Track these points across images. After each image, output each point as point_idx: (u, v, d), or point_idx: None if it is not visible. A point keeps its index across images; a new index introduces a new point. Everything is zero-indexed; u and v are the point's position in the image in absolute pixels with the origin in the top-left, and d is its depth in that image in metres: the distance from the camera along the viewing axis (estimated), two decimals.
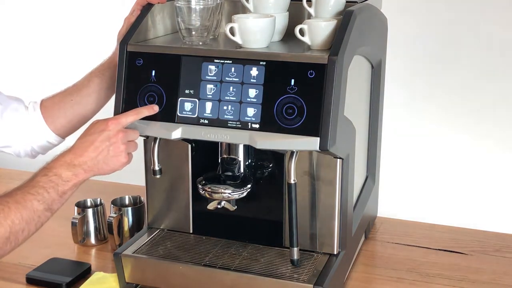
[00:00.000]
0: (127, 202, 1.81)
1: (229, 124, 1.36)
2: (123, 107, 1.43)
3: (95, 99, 1.59)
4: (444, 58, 1.96)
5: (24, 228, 1.27)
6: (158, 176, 1.50)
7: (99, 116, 1.59)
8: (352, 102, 1.42)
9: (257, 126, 1.34)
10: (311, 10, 1.49)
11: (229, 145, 1.48)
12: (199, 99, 1.38)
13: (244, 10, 1.55)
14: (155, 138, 1.47)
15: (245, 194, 1.47)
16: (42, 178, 1.31)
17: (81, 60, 1.65)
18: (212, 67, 1.38)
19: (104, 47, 1.63)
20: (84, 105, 1.59)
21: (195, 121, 1.38)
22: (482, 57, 1.93)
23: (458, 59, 1.95)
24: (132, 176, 1.91)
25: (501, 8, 1.88)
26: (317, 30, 1.37)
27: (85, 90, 1.59)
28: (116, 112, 1.43)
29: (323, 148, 1.29)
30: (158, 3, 1.50)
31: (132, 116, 1.39)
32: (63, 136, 1.63)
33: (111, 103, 1.50)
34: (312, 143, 1.30)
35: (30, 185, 1.31)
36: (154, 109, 1.40)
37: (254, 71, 1.35)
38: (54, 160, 1.35)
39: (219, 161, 1.50)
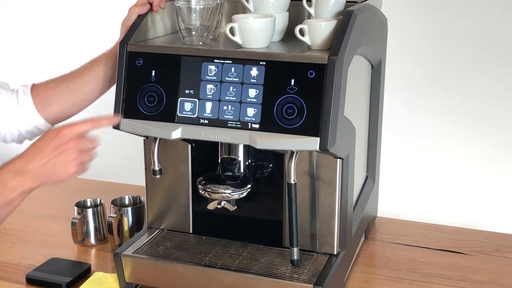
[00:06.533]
0: (127, 202, 1.81)
1: (229, 124, 1.36)
2: (123, 107, 1.43)
3: (92, 88, 1.56)
4: (444, 58, 1.96)
5: None
6: (158, 176, 1.50)
7: (96, 110, 1.58)
8: (352, 102, 1.42)
9: (257, 126, 1.34)
10: (311, 10, 1.49)
11: (229, 145, 1.48)
12: (199, 99, 1.38)
13: (244, 10, 1.55)
14: (155, 138, 1.47)
15: (245, 194, 1.47)
16: None
17: (81, 58, 1.64)
18: (212, 67, 1.37)
19: (103, 46, 1.63)
20: (80, 94, 1.56)
21: (195, 121, 1.38)
22: (482, 56, 1.92)
23: (458, 59, 1.95)
24: (132, 176, 1.91)
25: (501, 8, 1.88)
26: (317, 30, 1.37)
27: (84, 78, 1.56)
28: (116, 112, 1.43)
29: (323, 148, 1.29)
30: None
31: (88, 125, 1.31)
32: (53, 123, 1.59)
33: (111, 103, 1.50)
34: (312, 143, 1.30)
35: None
36: (113, 121, 1.37)
37: (254, 71, 1.35)
38: (3, 166, 1.30)
39: (219, 161, 1.50)
